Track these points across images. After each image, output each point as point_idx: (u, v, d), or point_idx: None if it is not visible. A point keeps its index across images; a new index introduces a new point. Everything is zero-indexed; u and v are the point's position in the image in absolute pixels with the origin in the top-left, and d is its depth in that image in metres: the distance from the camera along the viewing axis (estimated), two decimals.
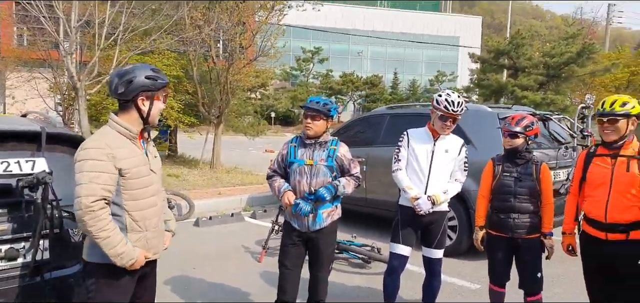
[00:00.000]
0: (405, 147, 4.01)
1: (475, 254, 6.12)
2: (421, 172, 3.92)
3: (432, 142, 3.93)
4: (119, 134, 2.49)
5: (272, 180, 3.77)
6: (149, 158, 2.62)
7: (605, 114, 3.14)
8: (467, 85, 29.07)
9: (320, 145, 3.67)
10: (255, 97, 23.25)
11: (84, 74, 9.44)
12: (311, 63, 48.74)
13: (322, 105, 3.63)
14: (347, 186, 3.66)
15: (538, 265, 3.76)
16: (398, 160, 4.02)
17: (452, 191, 3.97)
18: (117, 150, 2.43)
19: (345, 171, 3.73)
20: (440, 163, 3.91)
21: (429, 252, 4.04)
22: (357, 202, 7.52)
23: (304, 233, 3.67)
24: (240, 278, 5.36)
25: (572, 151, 6.29)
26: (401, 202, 4.05)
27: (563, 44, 22.52)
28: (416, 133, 4.03)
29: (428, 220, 3.93)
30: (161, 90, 2.56)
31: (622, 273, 3.17)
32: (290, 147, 3.75)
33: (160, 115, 2.65)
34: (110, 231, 2.37)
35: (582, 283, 4.25)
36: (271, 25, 12.14)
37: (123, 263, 2.42)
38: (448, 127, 3.86)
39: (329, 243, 3.78)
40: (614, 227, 3.14)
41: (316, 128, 3.63)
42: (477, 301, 4.84)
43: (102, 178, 2.35)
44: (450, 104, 3.76)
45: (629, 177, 3.10)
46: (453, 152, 3.95)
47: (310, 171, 3.62)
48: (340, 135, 7.98)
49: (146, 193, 2.55)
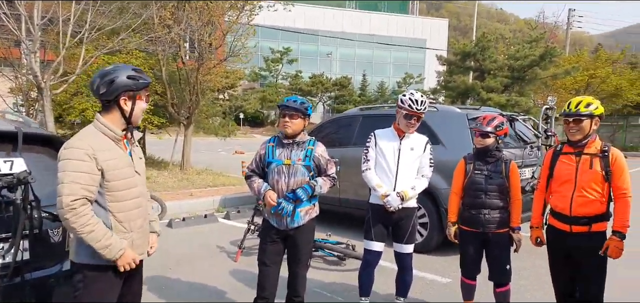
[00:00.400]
0: (372, 147, 4.16)
1: (446, 250, 6.32)
2: (389, 170, 4.07)
3: (398, 140, 4.09)
4: (103, 134, 2.51)
5: (251, 180, 3.80)
6: (133, 160, 2.63)
7: (571, 115, 3.33)
8: (434, 87, 29.61)
9: (297, 145, 3.72)
10: (223, 98, 23.06)
11: (48, 73, 9.20)
12: (280, 64, 48.65)
13: (300, 104, 3.68)
14: (323, 186, 3.74)
15: (507, 258, 3.93)
16: (367, 160, 4.17)
17: (419, 187, 4.13)
18: (100, 151, 2.44)
19: (322, 171, 3.80)
20: (406, 161, 4.08)
21: (400, 247, 4.18)
22: (331, 202, 7.62)
23: (282, 231, 3.73)
24: (217, 278, 5.37)
25: (537, 150, 6.54)
26: (371, 200, 4.20)
27: (527, 47, 23.23)
28: (383, 133, 4.19)
29: (398, 217, 4.08)
30: (143, 90, 2.57)
31: (585, 262, 3.37)
32: (268, 147, 3.78)
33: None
34: (94, 226, 2.38)
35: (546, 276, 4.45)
36: (242, 25, 12.10)
37: (112, 255, 2.43)
38: (412, 125, 4.03)
39: (307, 241, 3.85)
40: (578, 220, 3.34)
41: (294, 127, 3.67)
42: (448, 294, 4.98)
43: (83, 179, 2.37)
44: (414, 102, 3.94)
45: (592, 174, 3.30)
46: (418, 150, 4.12)
47: (288, 171, 3.66)
48: (313, 136, 8.14)
49: (130, 195, 2.56)
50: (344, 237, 6.69)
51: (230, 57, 12.37)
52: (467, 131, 6.16)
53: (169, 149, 13.75)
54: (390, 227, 4.19)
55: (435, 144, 6.37)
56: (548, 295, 4.83)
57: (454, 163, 4.31)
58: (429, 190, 6.24)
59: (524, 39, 28.13)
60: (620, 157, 3.33)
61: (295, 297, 3.87)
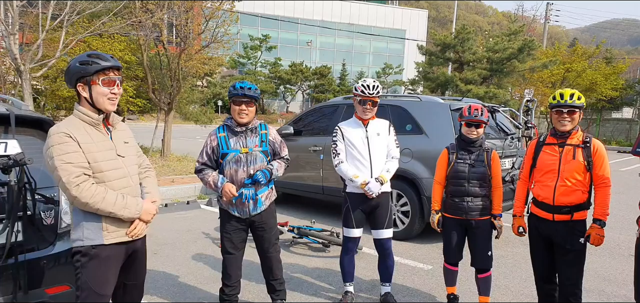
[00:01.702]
0: (340, 140, 4.25)
1: (427, 237, 6.48)
2: (363, 158, 4.17)
3: (364, 128, 4.20)
4: (81, 121, 2.53)
5: (204, 173, 3.71)
6: (115, 144, 2.64)
7: (566, 106, 3.44)
8: (413, 78, 29.85)
9: (251, 132, 3.72)
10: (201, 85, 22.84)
11: (27, 56, 9.02)
12: (259, 51, 48.33)
13: (254, 91, 3.65)
14: (279, 169, 3.79)
15: (489, 245, 4.05)
16: (337, 154, 4.24)
17: (392, 169, 4.27)
18: (81, 135, 2.47)
19: (276, 154, 3.86)
20: (376, 146, 4.19)
21: (378, 233, 4.27)
22: (315, 190, 7.71)
23: (245, 219, 3.74)
24: (202, 262, 5.41)
25: (517, 141, 6.72)
26: (348, 189, 4.28)
27: (506, 39, 23.57)
28: (347, 124, 4.30)
29: (375, 203, 4.19)
30: (96, 74, 2.50)
31: (566, 250, 3.50)
32: (219, 137, 3.69)
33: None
34: (104, 192, 2.47)
35: (523, 263, 4.62)
36: (224, 11, 12.03)
37: (132, 212, 2.57)
38: (369, 110, 4.14)
39: (272, 222, 3.88)
40: (560, 209, 3.48)
41: (251, 115, 3.68)
42: (431, 280, 5.12)
43: (72, 157, 2.40)
44: (366, 87, 4.09)
45: (575, 164, 3.43)
46: (384, 134, 4.24)
47: (247, 159, 3.65)
48: (296, 125, 8.19)
49: (113, 176, 2.56)
50: (327, 224, 6.78)
51: (212, 43, 12.27)
52: (450, 121, 6.29)
53: (148, 135, 13.62)
54: (367, 215, 4.28)
55: (418, 133, 6.51)
56: (526, 281, 5.05)
57: (436, 153, 4.42)
58: (411, 178, 6.42)
59: (503, 31, 28.54)
60: (601, 148, 3.47)
61: (274, 280, 3.92)
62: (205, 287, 4.72)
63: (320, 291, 4.73)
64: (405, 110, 6.75)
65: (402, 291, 4.78)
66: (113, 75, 2.54)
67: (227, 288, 3.85)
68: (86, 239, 2.51)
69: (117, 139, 2.67)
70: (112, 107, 2.58)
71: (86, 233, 2.51)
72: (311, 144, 7.68)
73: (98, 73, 2.50)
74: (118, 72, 2.59)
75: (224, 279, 3.87)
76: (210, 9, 11.84)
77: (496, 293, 4.71)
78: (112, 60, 2.55)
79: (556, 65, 24.54)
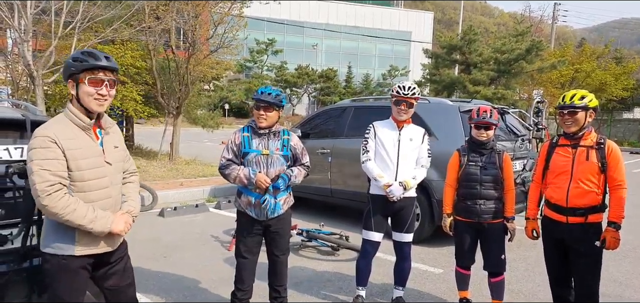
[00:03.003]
0: (372, 138, 4.23)
1: (436, 241, 6.45)
2: (390, 161, 4.14)
3: (397, 131, 4.18)
4: (71, 122, 2.45)
5: (231, 168, 3.71)
6: (104, 149, 2.55)
7: (566, 107, 3.42)
8: (420, 80, 29.77)
9: (274, 135, 3.75)
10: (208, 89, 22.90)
11: (40, 62, 9.11)
12: (265, 55, 48.43)
13: (275, 97, 3.67)
14: (298, 175, 3.81)
15: (502, 248, 4.03)
16: (366, 151, 4.23)
17: (419, 176, 4.24)
18: (65, 140, 2.38)
19: (297, 160, 3.87)
20: (406, 151, 4.16)
21: (399, 236, 4.26)
22: (323, 193, 7.71)
23: (262, 221, 3.75)
24: (212, 265, 5.42)
25: (528, 143, 6.68)
26: (372, 191, 4.25)
27: (513, 40, 23.42)
28: (382, 124, 4.27)
29: (398, 207, 4.16)
30: (85, 72, 2.41)
31: (580, 253, 3.45)
32: (243, 136, 3.75)
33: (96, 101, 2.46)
34: (75, 204, 2.36)
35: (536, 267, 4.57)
36: (232, 17, 12.08)
37: (101, 226, 2.43)
38: (403, 111, 4.12)
39: (287, 228, 3.92)
40: (574, 211, 3.43)
41: (270, 120, 3.69)
42: (442, 284, 5.09)
43: (51, 165, 2.32)
44: (402, 88, 4.08)
45: (588, 165, 3.39)
46: (417, 140, 4.21)
47: (267, 161, 3.68)
48: (304, 128, 8.20)
49: (97, 185, 2.49)
50: (337, 227, 6.76)
51: (221, 48, 12.33)
52: (459, 123, 6.27)
53: (157, 138, 13.68)
54: (389, 218, 4.27)
55: (428, 136, 6.48)
56: (539, 286, 5.00)
57: (446, 156, 4.40)
58: (421, 181, 6.38)
59: (510, 32, 28.40)
60: (616, 149, 3.42)
61: (279, 285, 3.91)
62: (216, 290, 4.73)
63: (329, 295, 4.72)
64: (414, 112, 6.72)
65: (413, 295, 4.76)
66: (102, 75, 2.44)
67: (240, 292, 3.85)
68: (57, 248, 2.43)
69: (108, 143, 2.60)
70: (99, 108, 2.47)
71: (58, 242, 2.44)
72: (319, 147, 7.68)
73: (86, 71, 2.41)
74: (112, 74, 2.49)
75: (236, 283, 3.87)
76: (219, 15, 11.89)
77: (509, 298, 4.66)
78: (106, 61, 2.45)
79: (565, 66, 24.38)
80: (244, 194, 3.75)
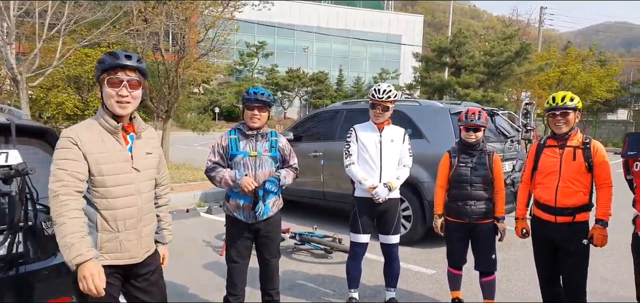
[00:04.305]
0: (354, 141, 4.24)
1: (429, 242, 6.45)
2: (373, 163, 4.16)
3: (378, 133, 4.20)
4: (99, 125, 2.39)
5: (216, 171, 3.63)
6: (133, 155, 2.47)
7: (558, 108, 3.45)
8: (410, 83, 29.89)
9: (262, 137, 3.70)
10: (198, 92, 22.83)
11: (24, 65, 9.00)
12: (256, 58, 48.33)
13: (267, 97, 3.65)
14: (287, 177, 3.76)
15: (492, 248, 4.05)
16: (349, 155, 4.24)
17: (403, 176, 4.26)
18: (88, 143, 2.32)
19: (285, 162, 3.83)
20: (388, 152, 4.19)
21: (386, 238, 4.27)
22: (315, 196, 7.69)
23: (251, 224, 3.69)
24: (204, 270, 5.38)
25: (517, 144, 6.71)
26: (357, 194, 4.27)
27: (502, 43, 23.63)
28: (362, 127, 4.29)
29: (383, 209, 4.18)
30: (105, 73, 2.34)
31: (569, 251, 3.50)
32: (230, 139, 3.69)
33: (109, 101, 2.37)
34: (69, 218, 2.19)
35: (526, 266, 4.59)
36: (224, 20, 12.03)
37: (69, 257, 2.17)
38: (379, 114, 4.13)
39: (277, 232, 3.86)
40: (563, 211, 3.47)
41: (263, 120, 3.65)
42: (434, 285, 5.09)
43: (69, 165, 2.26)
44: (377, 92, 4.10)
45: (576, 165, 3.44)
46: (398, 141, 4.24)
47: (255, 163, 3.63)
48: (296, 131, 8.18)
49: (121, 192, 2.40)
50: (329, 230, 6.75)
51: (211, 51, 12.27)
52: (450, 125, 6.28)
53: None
54: (376, 220, 4.27)
55: (419, 138, 6.49)
56: (529, 284, 5.02)
57: (437, 157, 4.41)
58: (412, 183, 6.39)
59: (498, 35, 28.62)
60: (601, 149, 3.48)
61: (272, 288, 3.87)
62: (209, 296, 4.69)
63: (323, 297, 4.71)
64: (405, 114, 6.73)
65: (405, 296, 4.75)
66: (122, 75, 2.34)
67: (232, 297, 3.81)
68: None
69: (139, 148, 2.50)
70: (121, 110, 2.37)
71: None
72: (311, 150, 7.66)
73: (106, 72, 2.34)
74: (135, 73, 2.38)
75: (228, 288, 3.83)
76: (210, 18, 11.84)
77: (500, 297, 4.68)
78: (126, 60, 2.35)
79: (552, 69, 24.63)
80: (232, 198, 3.69)
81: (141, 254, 2.55)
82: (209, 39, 12.05)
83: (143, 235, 2.55)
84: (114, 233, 2.42)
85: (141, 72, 2.42)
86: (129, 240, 2.47)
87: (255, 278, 4.03)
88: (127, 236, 2.46)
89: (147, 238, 2.59)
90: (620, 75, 34.62)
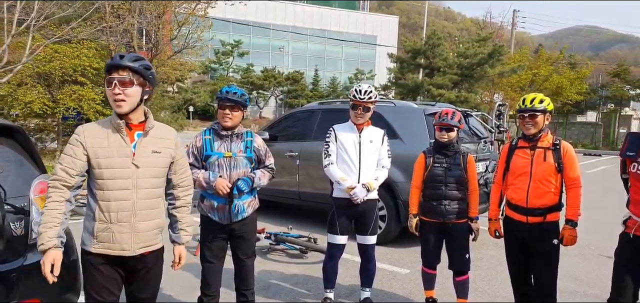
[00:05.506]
0: (333, 142, 4.24)
1: (403, 241, 6.51)
2: (352, 163, 4.17)
3: (358, 134, 4.21)
4: (110, 123, 2.51)
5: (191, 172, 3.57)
6: (135, 151, 2.50)
7: (527, 110, 3.53)
8: (385, 84, 30.12)
9: (237, 137, 3.66)
10: (172, 90, 22.55)
11: None
12: (231, 56, 47.96)
13: (240, 96, 3.61)
14: (262, 177, 3.72)
15: (466, 247, 4.10)
16: (328, 155, 4.24)
17: (381, 177, 4.27)
18: (93, 139, 2.45)
19: (261, 162, 3.80)
20: (367, 153, 4.20)
21: (364, 239, 4.29)
22: (291, 195, 7.67)
23: (226, 225, 3.65)
24: (178, 271, 5.28)
25: (490, 145, 6.83)
26: (335, 194, 4.27)
27: (476, 45, 24.02)
28: (342, 127, 4.29)
29: (361, 209, 4.19)
30: (108, 72, 2.44)
31: (540, 251, 3.57)
32: (204, 139, 3.65)
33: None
34: (47, 210, 2.39)
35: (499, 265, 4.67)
36: (197, 17, 11.91)
37: (38, 244, 2.37)
38: (359, 115, 4.15)
39: (252, 231, 3.83)
40: (534, 211, 3.55)
41: (235, 119, 3.61)
42: (409, 284, 5.14)
43: (65, 160, 2.43)
44: (357, 92, 4.12)
45: (546, 166, 3.52)
46: (377, 142, 4.25)
47: (230, 163, 3.59)
48: (271, 131, 8.15)
49: (116, 185, 2.47)
50: (305, 230, 6.74)
51: (185, 49, 12.13)
52: (424, 126, 6.35)
53: None
54: (353, 220, 4.29)
55: (394, 138, 6.52)
56: (502, 283, 5.12)
57: (411, 158, 4.45)
58: (387, 183, 6.43)
59: (472, 37, 29.08)
60: (570, 150, 3.57)
61: (246, 289, 3.83)
62: (183, 297, 4.64)
63: (298, 297, 4.70)
64: (380, 115, 6.75)
65: (380, 295, 4.78)
66: (114, 75, 2.41)
67: (206, 297, 3.77)
68: (82, 242, 2.56)
69: (144, 145, 2.54)
70: (118, 109, 2.44)
71: (84, 236, 2.55)
72: (287, 149, 7.64)
73: (106, 74, 2.47)
74: (126, 72, 2.42)
75: (202, 288, 3.78)
76: (183, 15, 11.69)
77: (474, 296, 4.74)
78: (118, 59, 2.43)
79: (524, 71, 25.13)
80: (207, 198, 3.66)
81: (134, 249, 2.57)
82: (182, 36, 11.89)
83: (138, 230, 2.56)
84: (107, 224, 2.50)
85: (135, 71, 2.46)
86: (121, 233, 2.52)
87: (230, 279, 4.00)
88: (119, 228, 2.51)
89: (143, 233, 2.59)
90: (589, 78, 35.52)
